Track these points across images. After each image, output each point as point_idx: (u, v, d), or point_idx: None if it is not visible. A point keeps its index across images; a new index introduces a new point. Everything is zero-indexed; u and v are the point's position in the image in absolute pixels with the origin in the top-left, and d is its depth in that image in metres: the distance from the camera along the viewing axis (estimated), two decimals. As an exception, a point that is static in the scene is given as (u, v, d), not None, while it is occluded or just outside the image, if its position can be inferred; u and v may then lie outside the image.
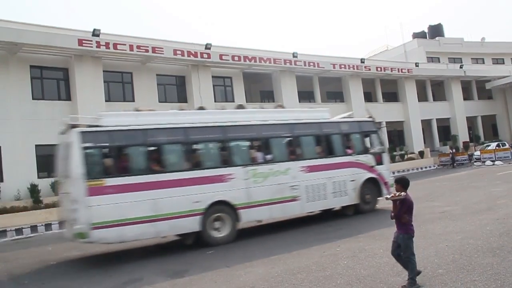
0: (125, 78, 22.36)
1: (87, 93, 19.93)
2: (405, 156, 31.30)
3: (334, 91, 32.50)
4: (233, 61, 24.56)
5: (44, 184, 18.14)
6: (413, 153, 32.66)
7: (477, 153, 30.29)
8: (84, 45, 19.49)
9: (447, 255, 6.12)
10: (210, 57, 23.62)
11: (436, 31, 44.97)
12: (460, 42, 43.30)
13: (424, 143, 34.84)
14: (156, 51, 21.61)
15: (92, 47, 19.73)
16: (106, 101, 20.72)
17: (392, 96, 35.31)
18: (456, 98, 37.47)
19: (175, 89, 24.28)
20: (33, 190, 17.59)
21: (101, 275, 7.50)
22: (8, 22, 18.78)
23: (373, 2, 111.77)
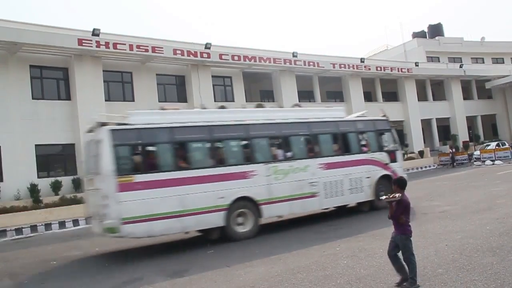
0: (125, 78, 22.35)
1: (87, 93, 19.92)
2: (405, 155, 31.28)
3: (334, 91, 32.51)
4: (233, 61, 24.55)
5: (44, 184, 18.16)
6: (413, 152, 32.68)
7: (477, 152, 30.30)
8: (84, 44, 19.48)
9: (447, 255, 6.13)
10: (210, 56, 23.61)
11: (436, 30, 44.95)
12: (460, 42, 43.28)
13: (424, 142, 34.87)
14: (156, 51, 21.60)
15: (92, 46, 19.73)
16: (106, 100, 20.72)
17: (392, 95, 35.33)
18: (456, 97, 37.50)
19: (175, 88, 24.27)
20: (33, 190, 17.60)
21: (101, 275, 7.50)
22: (7, 21, 18.76)
23: (373, 2, 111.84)
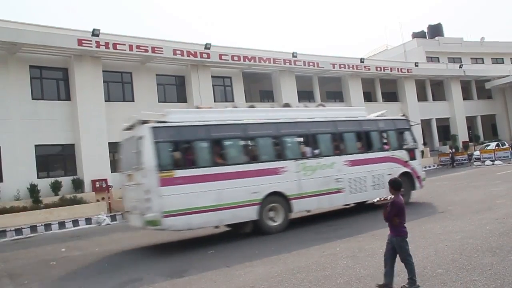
0: (125, 78, 22.32)
1: (87, 93, 19.91)
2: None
3: (334, 91, 32.48)
4: (233, 61, 24.52)
5: (44, 184, 18.15)
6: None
7: (477, 152, 30.32)
8: (83, 45, 19.45)
9: (446, 255, 6.13)
10: (210, 57, 23.58)
11: (435, 31, 44.93)
12: (460, 42, 43.26)
13: (425, 144, 34.84)
14: (156, 51, 21.57)
15: (91, 47, 19.70)
16: (105, 101, 20.70)
17: (391, 96, 35.32)
18: (456, 97, 37.49)
19: (174, 89, 24.24)
20: (33, 190, 17.59)
21: (101, 275, 7.50)
22: (7, 22, 18.73)
23: (373, 2, 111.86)
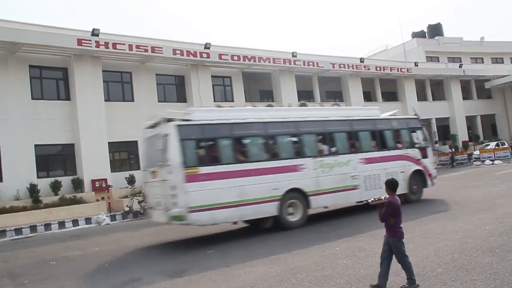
0: (125, 78, 22.33)
1: (87, 93, 19.91)
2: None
3: (334, 91, 32.47)
4: (233, 61, 24.53)
5: (44, 184, 18.16)
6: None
7: (477, 152, 30.31)
8: (83, 44, 19.46)
9: (446, 255, 6.13)
10: (210, 56, 23.60)
11: (435, 30, 44.92)
12: (460, 42, 43.25)
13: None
14: (156, 51, 21.58)
15: (91, 46, 19.70)
16: (105, 100, 20.71)
17: (391, 95, 35.31)
18: (456, 97, 37.50)
19: (174, 88, 24.25)
20: (33, 190, 17.60)
21: (101, 275, 7.50)
22: (7, 22, 18.73)
23: (373, 2, 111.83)
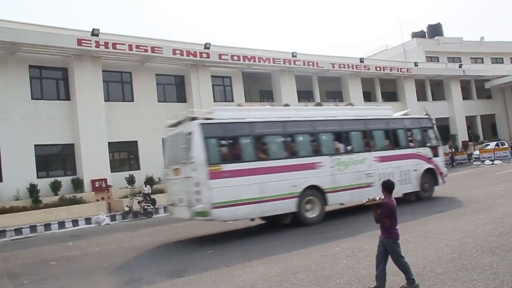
0: (124, 78, 22.33)
1: (86, 93, 19.91)
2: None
3: (334, 91, 32.45)
4: (232, 61, 24.53)
5: (43, 184, 18.17)
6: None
7: (476, 152, 30.33)
8: (83, 44, 19.46)
9: (446, 254, 6.12)
10: (209, 56, 23.59)
11: (435, 30, 44.91)
12: (459, 42, 43.25)
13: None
14: (155, 51, 21.58)
15: (91, 46, 19.70)
16: (105, 100, 20.71)
17: (391, 95, 35.29)
18: (455, 97, 37.49)
19: (174, 88, 24.24)
20: (32, 190, 17.61)
21: (101, 275, 7.49)
22: (7, 22, 18.73)
23: (372, 2, 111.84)
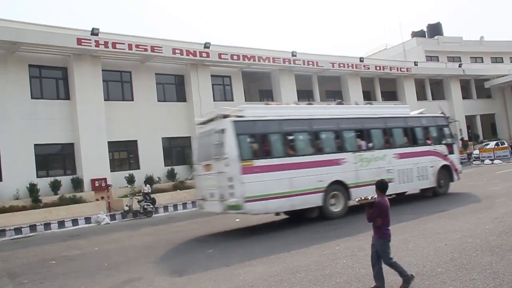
0: (124, 77, 22.32)
1: (86, 92, 19.90)
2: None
3: (333, 90, 32.44)
4: (232, 60, 24.52)
5: (43, 184, 18.17)
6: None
7: (476, 152, 30.33)
8: (83, 44, 19.45)
9: (446, 254, 6.13)
10: (209, 56, 23.58)
11: (435, 30, 44.93)
12: (459, 41, 43.26)
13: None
14: (155, 50, 21.57)
15: (91, 46, 19.69)
16: (105, 100, 20.70)
17: (391, 95, 35.29)
18: (455, 97, 37.49)
19: (174, 88, 24.23)
20: (32, 189, 17.61)
21: (101, 274, 7.49)
22: (6, 21, 18.72)
23: (372, 2, 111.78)
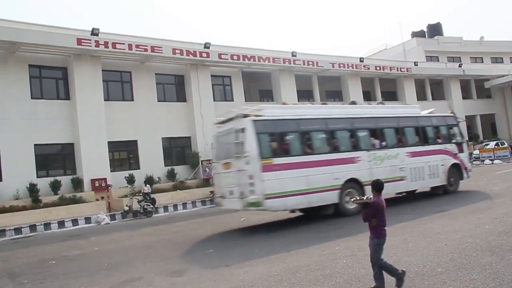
0: (124, 77, 22.31)
1: (86, 93, 19.90)
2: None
3: (333, 90, 32.44)
4: (232, 60, 24.51)
5: (43, 184, 18.16)
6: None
7: (476, 152, 30.33)
8: (83, 44, 19.44)
9: (446, 254, 6.13)
10: (209, 56, 23.58)
11: (435, 30, 44.94)
12: (459, 41, 43.28)
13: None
14: (155, 50, 21.56)
15: (91, 46, 19.68)
16: (105, 100, 20.70)
17: (391, 95, 35.27)
18: (455, 97, 37.49)
19: (174, 88, 24.22)
20: (32, 189, 17.61)
21: (101, 274, 7.49)
22: (6, 21, 18.72)
23: (372, 2, 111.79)
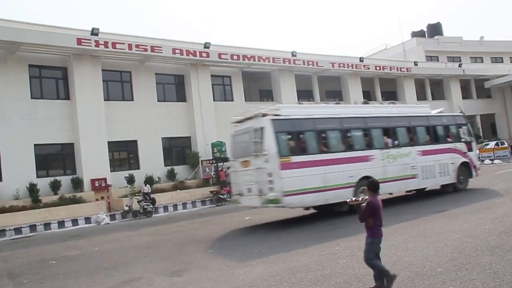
0: (124, 77, 22.31)
1: (86, 92, 19.90)
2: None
3: (333, 90, 32.46)
4: (232, 60, 24.52)
5: (43, 184, 18.16)
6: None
7: (476, 152, 30.27)
8: (83, 44, 19.44)
9: (446, 254, 6.13)
10: (209, 56, 23.58)
11: (435, 30, 44.94)
12: (459, 41, 43.27)
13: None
14: (155, 50, 21.57)
15: (91, 46, 19.68)
16: (105, 100, 20.70)
17: (391, 95, 35.24)
18: (455, 97, 37.49)
19: (174, 88, 24.23)
20: (32, 189, 17.61)
21: (100, 274, 7.49)
22: (6, 21, 18.71)
23: (372, 2, 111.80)
